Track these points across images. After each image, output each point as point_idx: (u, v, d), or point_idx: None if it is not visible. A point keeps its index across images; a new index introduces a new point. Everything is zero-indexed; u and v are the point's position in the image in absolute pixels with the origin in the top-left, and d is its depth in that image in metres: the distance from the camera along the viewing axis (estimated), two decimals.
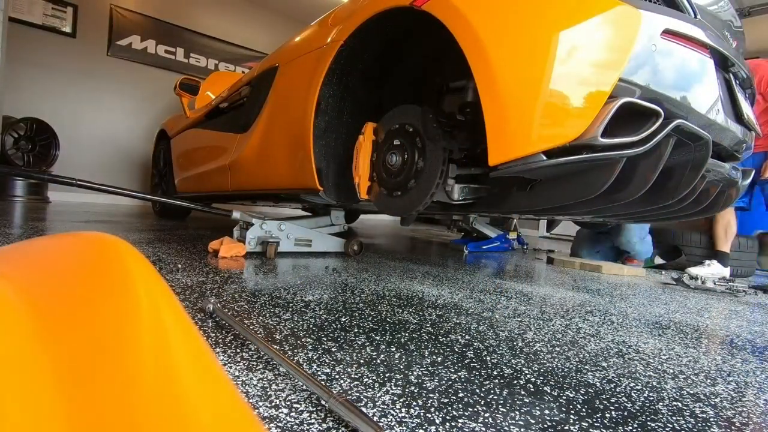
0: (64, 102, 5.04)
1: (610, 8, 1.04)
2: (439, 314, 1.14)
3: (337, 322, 0.97)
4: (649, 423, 0.62)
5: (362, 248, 2.22)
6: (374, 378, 0.68)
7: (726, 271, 2.80)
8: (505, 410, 0.62)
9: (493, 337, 0.98)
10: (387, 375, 0.70)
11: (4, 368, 0.19)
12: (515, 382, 0.73)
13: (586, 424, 0.60)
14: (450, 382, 0.70)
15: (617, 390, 0.74)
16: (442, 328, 1.01)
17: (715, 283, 2.35)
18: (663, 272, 2.82)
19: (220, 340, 0.79)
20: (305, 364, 0.72)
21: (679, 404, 0.70)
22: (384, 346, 0.84)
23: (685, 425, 0.63)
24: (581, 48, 1.03)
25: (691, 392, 0.76)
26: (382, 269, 1.83)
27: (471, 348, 0.89)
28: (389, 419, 0.56)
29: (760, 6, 4.43)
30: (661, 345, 1.05)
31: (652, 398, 0.72)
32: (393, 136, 1.43)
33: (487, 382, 0.71)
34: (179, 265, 1.47)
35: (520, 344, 0.94)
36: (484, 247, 3.20)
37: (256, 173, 2.07)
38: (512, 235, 3.55)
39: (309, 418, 0.54)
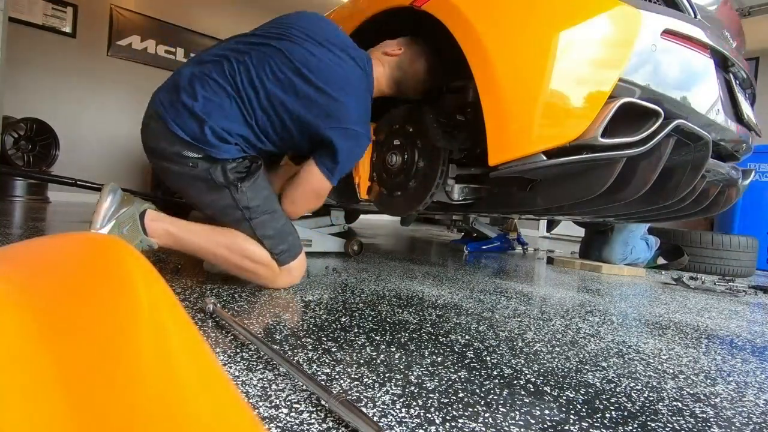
0: (64, 102, 5.04)
1: (610, 8, 1.04)
2: (439, 314, 1.14)
3: (337, 322, 0.97)
4: (649, 423, 0.63)
5: (362, 248, 2.22)
6: (374, 378, 0.68)
7: None
8: (505, 410, 0.62)
9: (493, 337, 0.98)
10: (387, 375, 0.70)
11: (4, 368, 0.19)
12: (515, 382, 0.73)
13: (586, 424, 0.60)
14: (450, 382, 0.70)
15: (617, 390, 0.74)
16: (442, 328, 1.01)
17: (715, 283, 2.35)
18: (663, 272, 2.82)
19: (220, 340, 0.79)
20: (305, 364, 0.72)
21: (679, 404, 0.70)
22: (384, 346, 0.84)
23: (685, 425, 0.63)
24: (581, 48, 1.03)
25: (691, 392, 0.76)
26: (382, 269, 1.83)
27: (471, 348, 0.89)
28: (389, 419, 0.56)
29: (759, 6, 4.43)
30: (661, 345, 1.05)
31: (652, 398, 0.72)
32: (393, 136, 1.43)
33: (487, 382, 0.71)
34: (179, 265, 1.47)
35: (520, 344, 0.94)
36: (484, 247, 3.20)
37: None
38: (512, 235, 3.54)
39: (309, 418, 0.54)
